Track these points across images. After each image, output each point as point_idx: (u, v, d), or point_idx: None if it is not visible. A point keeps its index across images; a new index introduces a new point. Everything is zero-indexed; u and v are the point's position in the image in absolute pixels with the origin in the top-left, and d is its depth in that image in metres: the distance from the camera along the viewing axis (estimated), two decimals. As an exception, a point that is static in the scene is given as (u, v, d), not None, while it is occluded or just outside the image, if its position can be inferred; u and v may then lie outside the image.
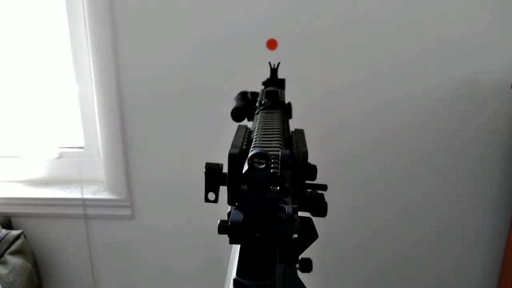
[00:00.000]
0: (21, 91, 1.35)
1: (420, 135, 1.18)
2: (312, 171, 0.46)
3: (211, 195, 0.50)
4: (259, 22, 1.12)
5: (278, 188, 0.28)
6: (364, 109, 1.17)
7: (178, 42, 1.16)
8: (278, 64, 0.81)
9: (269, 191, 0.27)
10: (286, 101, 0.73)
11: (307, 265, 0.44)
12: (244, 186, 0.28)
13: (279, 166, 0.30)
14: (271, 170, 0.28)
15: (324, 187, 0.54)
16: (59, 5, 1.23)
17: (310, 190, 0.54)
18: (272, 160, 0.30)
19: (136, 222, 1.32)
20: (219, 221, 0.29)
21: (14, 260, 1.19)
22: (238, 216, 0.28)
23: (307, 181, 0.47)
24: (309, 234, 0.39)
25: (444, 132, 1.18)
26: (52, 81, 1.33)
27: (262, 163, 0.27)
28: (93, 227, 1.32)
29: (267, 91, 0.67)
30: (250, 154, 0.27)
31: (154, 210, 1.30)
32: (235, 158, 0.27)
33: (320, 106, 1.17)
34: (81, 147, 1.35)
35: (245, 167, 0.29)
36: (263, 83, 0.81)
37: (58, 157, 1.36)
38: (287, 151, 0.28)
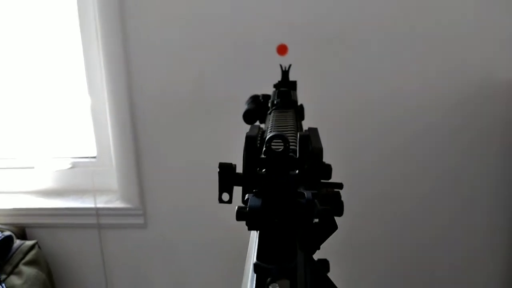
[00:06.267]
0: (34, 103, 1.37)
1: (433, 135, 1.17)
2: (327, 170, 0.46)
3: (225, 196, 0.49)
4: (270, 28, 1.12)
5: (297, 171, 0.28)
6: (374, 110, 1.16)
7: (189, 51, 1.16)
8: (289, 66, 0.81)
9: (287, 174, 0.27)
10: (298, 103, 0.72)
11: (324, 266, 0.43)
12: (262, 170, 0.28)
13: (297, 150, 0.30)
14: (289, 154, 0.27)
15: (340, 186, 0.53)
16: (71, 19, 1.25)
17: (325, 189, 0.53)
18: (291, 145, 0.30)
19: (149, 230, 1.31)
20: (236, 207, 0.28)
21: (28, 271, 1.19)
22: (256, 201, 0.27)
23: (322, 180, 0.47)
24: (328, 226, 0.38)
25: (458, 131, 1.17)
26: (64, 92, 1.35)
27: (280, 146, 0.27)
28: (106, 236, 1.32)
29: (279, 91, 0.67)
30: (267, 137, 0.27)
31: (167, 219, 1.30)
32: (253, 140, 0.27)
33: (329, 108, 1.17)
34: (94, 157, 1.36)
35: (263, 152, 0.28)
36: (275, 86, 0.80)
37: (71, 167, 1.37)
38: (305, 133, 0.28)
